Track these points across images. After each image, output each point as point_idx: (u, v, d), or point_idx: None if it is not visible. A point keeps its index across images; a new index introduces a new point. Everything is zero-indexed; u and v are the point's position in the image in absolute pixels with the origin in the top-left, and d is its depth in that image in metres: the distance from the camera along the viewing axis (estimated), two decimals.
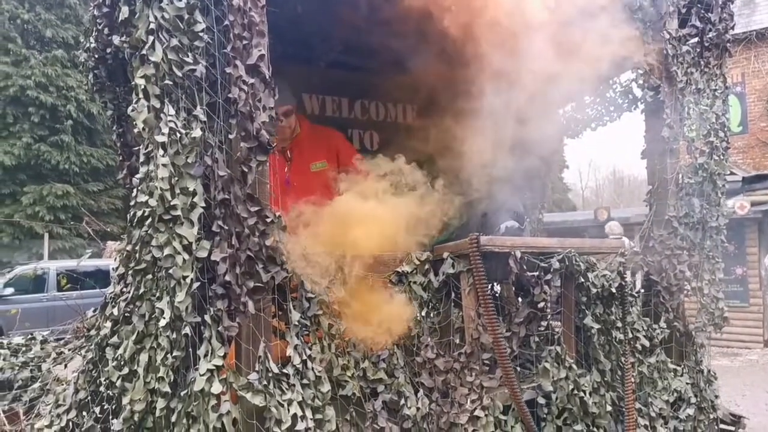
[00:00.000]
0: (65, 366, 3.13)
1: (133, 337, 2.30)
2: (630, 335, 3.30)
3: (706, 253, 3.76)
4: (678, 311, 3.70)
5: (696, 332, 3.72)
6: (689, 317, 3.81)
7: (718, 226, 3.77)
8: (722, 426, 3.77)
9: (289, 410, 2.25)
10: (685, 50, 3.63)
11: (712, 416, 3.67)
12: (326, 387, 2.41)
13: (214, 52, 2.33)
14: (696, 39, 3.71)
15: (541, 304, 2.93)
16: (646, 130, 3.90)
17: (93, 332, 2.69)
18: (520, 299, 2.93)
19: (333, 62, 4.58)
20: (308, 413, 2.31)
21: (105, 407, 2.44)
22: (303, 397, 2.32)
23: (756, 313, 10.66)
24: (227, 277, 2.21)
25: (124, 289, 2.48)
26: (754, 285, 10.71)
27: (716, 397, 3.74)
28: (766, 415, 6.10)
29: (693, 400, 3.56)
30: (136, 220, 2.37)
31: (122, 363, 2.34)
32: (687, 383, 3.57)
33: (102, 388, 2.52)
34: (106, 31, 2.79)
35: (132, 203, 2.39)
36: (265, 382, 2.25)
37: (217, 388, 2.15)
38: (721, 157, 3.76)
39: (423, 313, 2.78)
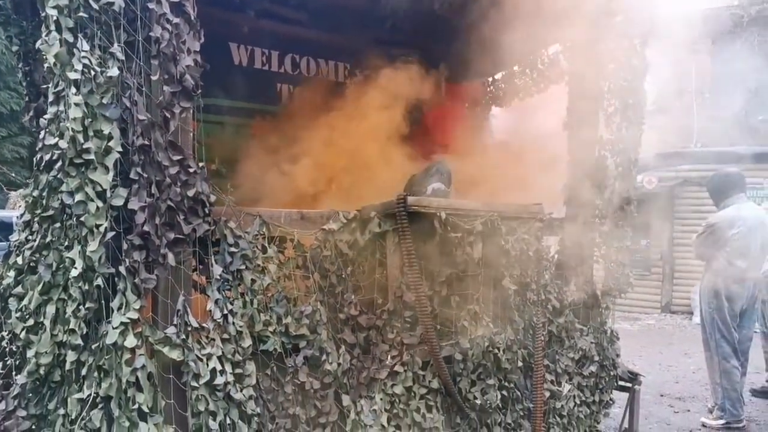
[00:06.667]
0: None
1: (39, 288, 2.18)
2: (543, 297, 3.47)
3: (616, 222, 3.98)
4: (587, 276, 3.92)
5: (602, 296, 3.97)
6: (596, 282, 4.05)
7: (629, 197, 3.98)
8: (621, 382, 4.07)
9: (208, 364, 2.21)
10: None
11: (612, 373, 3.96)
12: (247, 342, 2.37)
13: None
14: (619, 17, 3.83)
15: (463, 266, 3.01)
16: (569, 102, 4.03)
17: None
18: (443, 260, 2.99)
19: (263, 12, 4.39)
20: (228, 368, 2.27)
21: (8, 361, 2.31)
22: (223, 352, 2.28)
23: (656, 281, 11.54)
24: (146, 228, 2.10)
25: (30, 237, 2.33)
26: (656, 256, 11.55)
27: (617, 356, 4.03)
28: (659, 373, 6.66)
29: (596, 358, 3.82)
30: (43, 163, 2.20)
31: (27, 315, 2.20)
32: (591, 342, 3.82)
33: (5, 343, 2.38)
34: None
35: (39, 146, 2.22)
36: (183, 336, 2.19)
37: (131, 341, 2.07)
38: (637, 132, 3.95)
39: (348, 271, 2.79)
